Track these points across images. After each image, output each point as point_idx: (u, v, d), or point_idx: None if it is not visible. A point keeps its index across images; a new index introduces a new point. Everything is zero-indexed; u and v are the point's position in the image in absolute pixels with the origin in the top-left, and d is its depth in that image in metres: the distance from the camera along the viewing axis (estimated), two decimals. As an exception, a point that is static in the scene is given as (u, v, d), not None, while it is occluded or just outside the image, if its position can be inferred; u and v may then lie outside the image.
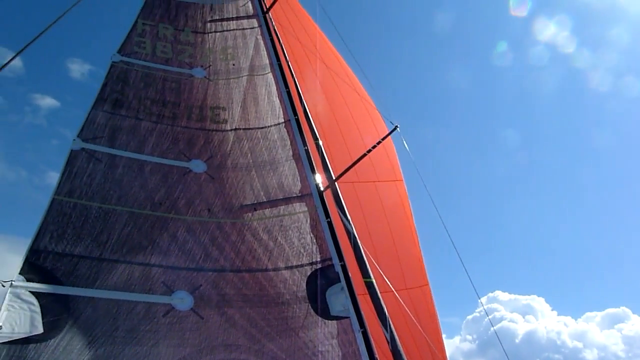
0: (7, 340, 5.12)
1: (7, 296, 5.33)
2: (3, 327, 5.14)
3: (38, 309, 5.39)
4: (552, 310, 31.90)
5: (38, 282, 5.56)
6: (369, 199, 8.72)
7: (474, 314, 30.05)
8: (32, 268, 5.63)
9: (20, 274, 5.54)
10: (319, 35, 9.68)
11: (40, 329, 5.32)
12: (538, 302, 31.41)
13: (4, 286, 5.45)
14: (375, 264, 6.93)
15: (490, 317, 28.03)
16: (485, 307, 28.37)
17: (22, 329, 5.25)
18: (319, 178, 7.36)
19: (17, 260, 5.59)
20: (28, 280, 5.52)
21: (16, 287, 5.41)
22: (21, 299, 5.39)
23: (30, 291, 5.47)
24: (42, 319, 5.37)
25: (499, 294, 31.47)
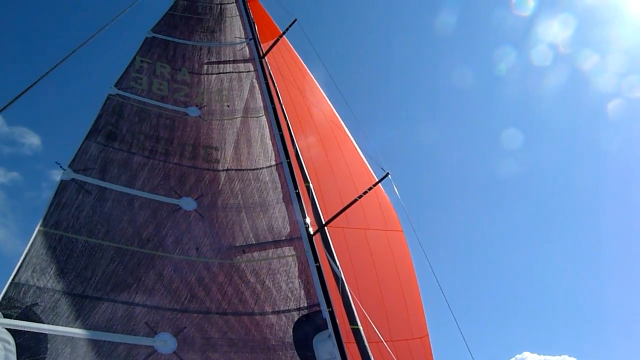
0: (-24, 381, 4.80)
1: None
2: None
3: (13, 348, 5.08)
4: None
5: (16, 318, 5.27)
6: (358, 245, 8.77)
7: None
8: (11, 303, 5.35)
9: (-3, 309, 5.26)
10: (312, 82, 9.98)
11: (13, 370, 5.00)
12: None
13: None
14: (364, 311, 6.89)
15: None
16: None
17: (-7, 369, 4.93)
18: (309, 222, 7.40)
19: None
20: (5, 316, 5.23)
21: (-8, 322, 5.12)
22: (-4, 335, 5.09)
23: (6, 328, 5.18)
24: (17, 359, 5.06)
25: (528, 356, 30.15)
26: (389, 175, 7.40)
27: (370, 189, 7.42)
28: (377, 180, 7.63)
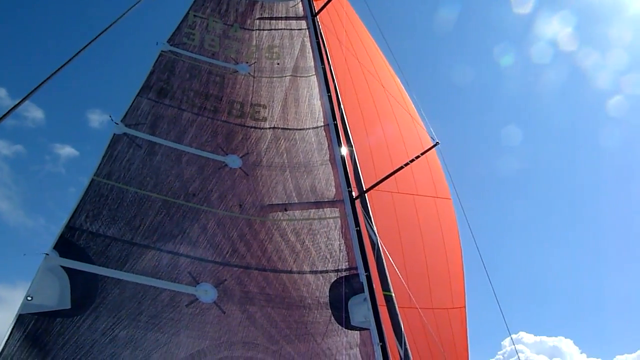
0: (35, 312, 5.25)
1: (40, 268, 5.47)
2: (34, 298, 5.27)
3: (68, 285, 5.51)
4: (581, 352, 30.31)
5: (70, 258, 5.68)
6: (406, 211, 8.63)
7: (497, 357, 28.68)
8: (66, 244, 5.76)
9: (54, 248, 5.67)
10: (371, 45, 9.65)
11: (67, 305, 5.43)
12: (566, 344, 29.74)
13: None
14: (401, 278, 6.84)
15: (514, 358, 26.88)
16: (509, 348, 27.22)
17: (50, 303, 5.37)
18: (352, 185, 7.32)
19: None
20: (61, 255, 5.65)
21: (50, 260, 5.55)
22: (53, 272, 5.52)
23: (62, 266, 5.60)
24: (71, 295, 5.49)
25: (524, 336, 29.76)
26: (438, 145, 7.10)
27: (417, 157, 7.17)
28: (426, 148, 7.34)
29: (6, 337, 4.98)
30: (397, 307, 6.96)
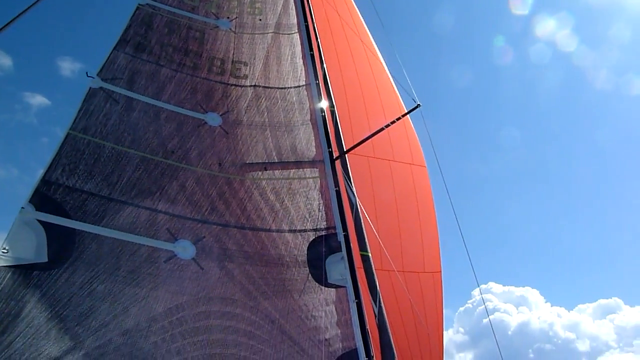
0: (12, 264, 5.24)
1: (15, 222, 5.42)
2: (9, 251, 5.25)
3: (44, 238, 5.49)
4: (546, 302, 32.49)
5: (46, 212, 5.64)
6: (381, 176, 8.70)
7: (467, 305, 30.26)
8: (42, 198, 5.70)
9: (30, 202, 5.61)
10: (352, 5, 9.45)
11: (44, 258, 5.43)
12: (532, 294, 32.03)
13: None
14: (379, 239, 6.97)
15: (482, 307, 28.30)
16: (478, 297, 28.56)
17: (27, 255, 5.36)
18: (333, 146, 7.32)
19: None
20: (37, 209, 5.60)
21: (25, 213, 5.50)
22: (29, 226, 5.48)
23: (38, 220, 5.56)
24: (48, 248, 5.48)
25: (493, 286, 31.79)
26: (420, 107, 7.09)
27: (399, 118, 7.18)
28: (406, 111, 7.34)
29: None
30: (373, 267, 7.13)
